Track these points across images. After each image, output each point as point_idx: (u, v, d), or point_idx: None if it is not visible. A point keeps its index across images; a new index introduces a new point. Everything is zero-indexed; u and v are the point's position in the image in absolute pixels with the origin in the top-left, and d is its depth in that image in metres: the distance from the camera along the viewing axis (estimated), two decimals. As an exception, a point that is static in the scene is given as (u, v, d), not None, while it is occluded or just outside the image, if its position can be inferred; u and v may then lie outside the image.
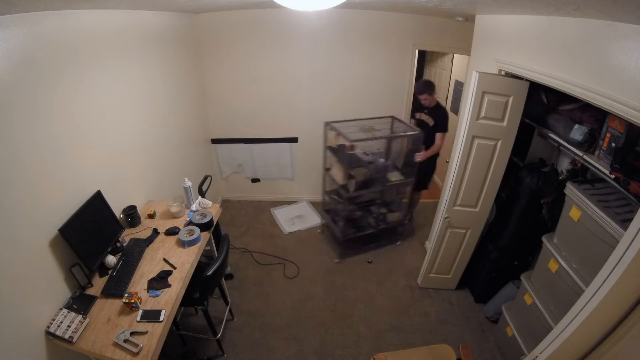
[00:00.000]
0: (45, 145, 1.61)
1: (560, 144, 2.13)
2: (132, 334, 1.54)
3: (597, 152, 1.83)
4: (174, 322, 2.25)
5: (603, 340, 1.28)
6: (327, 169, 3.41)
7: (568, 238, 1.95)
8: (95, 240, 1.87)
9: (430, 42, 3.57)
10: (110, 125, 2.13)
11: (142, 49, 2.45)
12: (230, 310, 2.62)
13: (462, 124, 2.37)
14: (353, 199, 3.35)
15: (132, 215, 2.23)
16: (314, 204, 4.31)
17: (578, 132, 1.90)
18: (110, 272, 1.88)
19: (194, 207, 2.43)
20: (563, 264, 1.89)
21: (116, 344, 1.50)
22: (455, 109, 4.57)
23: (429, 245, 3.12)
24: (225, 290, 2.60)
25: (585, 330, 1.30)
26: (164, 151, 2.86)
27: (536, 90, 2.20)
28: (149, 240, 2.13)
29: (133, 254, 2.00)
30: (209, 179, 2.88)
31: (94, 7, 1.88)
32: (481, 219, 2.63)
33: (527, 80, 2.09)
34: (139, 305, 1.68)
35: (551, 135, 2.19)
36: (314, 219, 4.04)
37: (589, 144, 1.86)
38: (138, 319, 1.62)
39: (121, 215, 2.22)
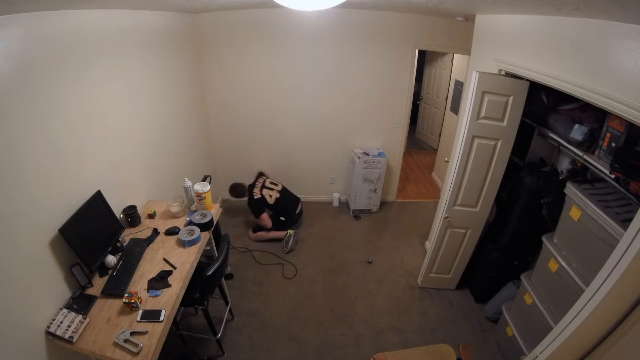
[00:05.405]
0: (45, 146, 1.60)
1: (560, 144, 2.13)
2: (132, 333, 1.54)
3: (597, 152, 1.83)
4: (174, 322, 2.24)
5: (603, 340, 1.28)
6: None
7: (568, 238, 1.95)
8: (95, 240, 1.87)
9: (430, 42, 3.56)
10: (110, 125, 2.13)
11: (141, 48, 2.45)
12: (230, 310, 2.62)
13: (462, 124, 2.37)
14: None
15: (132, 215, 2.23)
16: (314, 203, 4.32)
17: (578, 132, 1.90)
18: (110, 272, 1.88)
19: (194, 207, 2.43)
20: (563, 264, 1.89)
21: (116, 344, 1.50)
22: (455, 109, 4.57)
23: (429, 245, 3.13)
24: (225, 290, 2.60)
25: (585, 330, 1.29)
26: (164, 151, 2.86)
27: (536, 90, 2.20)
28: (149, 240, 2.13)
29: (133, 253, 2.00)
30: (208, 178, 2.88)
31: (94, 7, 1.88)
32: (481, 218, 2.63)
33: (527, 80, 2.09)
34: (139, 305, 1.68)
35: (551, 135, 2.19)
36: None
37: (589, 143, 1.86)
38: (138, 318, 1.62)
39: (121, 215, 2.22)
